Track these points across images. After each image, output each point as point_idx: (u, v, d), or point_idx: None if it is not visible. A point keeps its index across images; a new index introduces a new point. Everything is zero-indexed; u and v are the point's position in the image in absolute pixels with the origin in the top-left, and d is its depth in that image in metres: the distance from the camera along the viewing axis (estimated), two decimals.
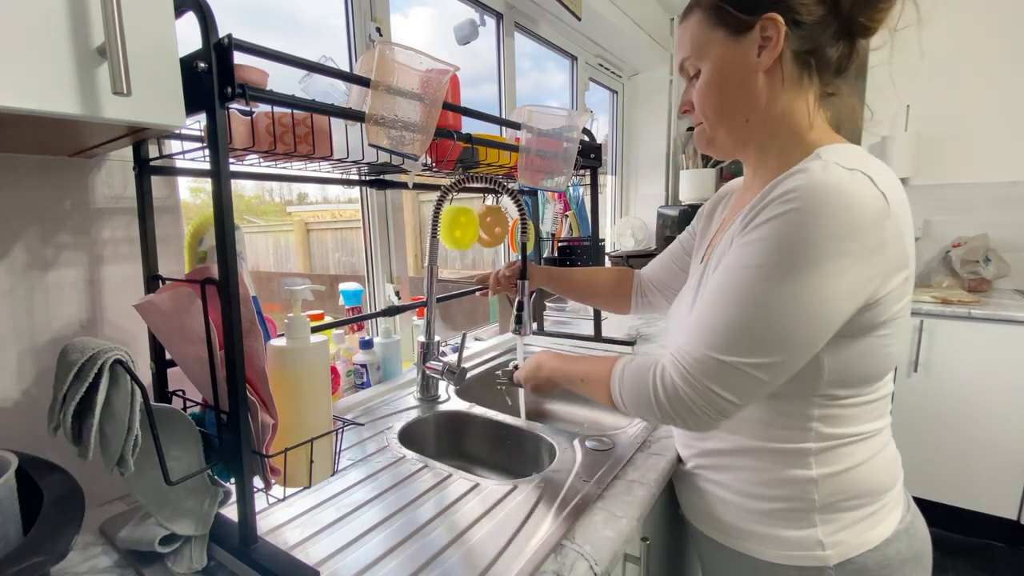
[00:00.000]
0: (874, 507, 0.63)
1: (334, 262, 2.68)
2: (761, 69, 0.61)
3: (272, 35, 1.46)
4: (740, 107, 0.64)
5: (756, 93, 0.63)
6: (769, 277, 0.53)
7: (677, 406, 0.58)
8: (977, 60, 2.13)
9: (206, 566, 0.58)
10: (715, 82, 0.65)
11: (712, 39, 0.64)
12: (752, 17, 0.60)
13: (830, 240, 0.51)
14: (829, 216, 0.51)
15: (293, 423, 0.59)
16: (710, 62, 0.65)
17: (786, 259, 0.53)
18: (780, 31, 0.59)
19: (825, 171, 0.53)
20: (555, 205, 1.90)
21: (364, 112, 0.70)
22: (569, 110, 1.10)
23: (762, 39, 0.61)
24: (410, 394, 1.10)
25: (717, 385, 0.56)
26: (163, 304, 0.58)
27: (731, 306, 0.56)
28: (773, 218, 0.54)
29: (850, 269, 0.52)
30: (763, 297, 0.54)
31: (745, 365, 0.55)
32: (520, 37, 1.85)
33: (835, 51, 0.61)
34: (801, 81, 0.62)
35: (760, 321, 0.54)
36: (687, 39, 0.67)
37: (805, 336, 0.54)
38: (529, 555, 0.58)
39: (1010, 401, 1.84)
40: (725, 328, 0.56)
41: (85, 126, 0.48)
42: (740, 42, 0.62)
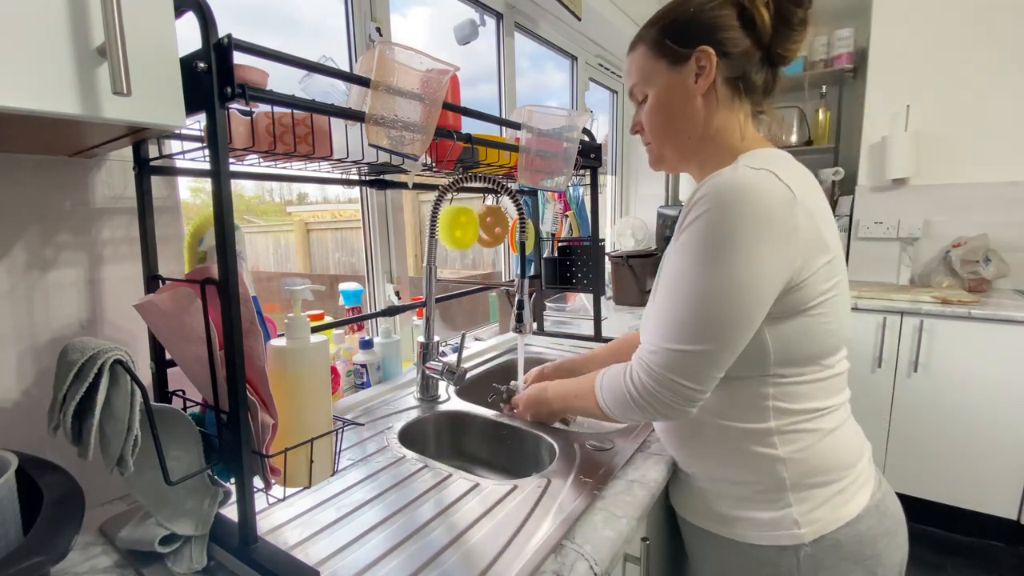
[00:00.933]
0: (843, 483, 0.68)
1: (334, 262, 2.68)
2: (698, 93, 0.71)
3: (271, 35, 1.47)
4: (682, 127, 0.73)
5: (695, 114, 0.72)
6: (698, 271, 0.61)
7: (649, 399, 0.66)
8: (977, 60, 2.13)
9: (206, 566, 0.58)
10: (660, 106, 0.74)
11: (656, 69, 0.74)
12: (688, 50, 0.70)
13: (743, 230, 0.59)
14: (738, 209, 0.59)
15: (293, 423, 0.59)
16: (655, 88, 0.74)
17: (709, 252, 0.60)
18: (712, 61, 0.69)
19: (734, 172, 0.62)
20: (555, 205, 1.90)
21: (364, 112, 0.70)
22: (569, 110, 1.10)
23: (698, 68, 0.70)
24: (410, 394, 1.10)
25: (675, 374, 0.63)
26: (163, 304, 0.58)
27: (673, 301, 0.64)
28: (694, 220, 0.62)
29: (767, 253, 0.59)
30: (697, 288, 0.62)
31: (695, 351, 0.62)
32: (519, 37, 1.85)
33: (760, 76, 0.71)
34: (732, 102, 0.71)
35: (698, 310, 0.62)
36: (635, 69, 0.76)
37: (739, 317, 0.61)
38: (529, 555, 0.58)
39: (1010, 401, 1.84)
40: (671, 321, 0.64)
41: (85, 126, 0.48)
42: (679, 71, 0.72)
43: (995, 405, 1.87)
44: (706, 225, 0.61)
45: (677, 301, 0.64)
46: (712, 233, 0.60)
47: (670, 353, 0.64)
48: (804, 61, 2.55)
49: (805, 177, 0.67)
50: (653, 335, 0.66)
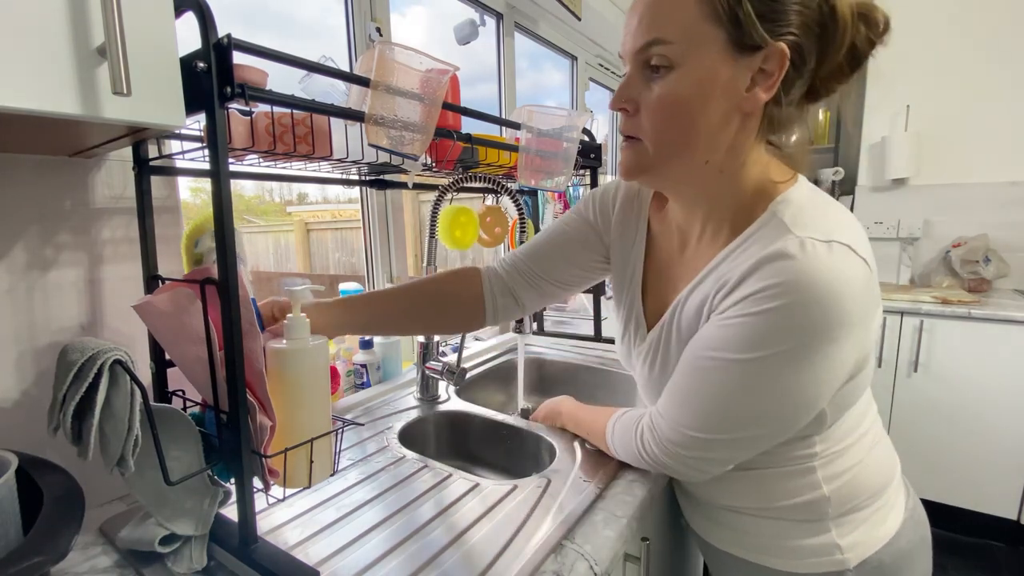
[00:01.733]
0: (881, 501, 0.64)
1: (334, 262, 2.68)
2: (745, 106, 0.51)
3: (268, 34, 1.46)
4: (706, 144, 0.52)
5: (727, 133, 0.52)
6: (757, 368, 0.50)
7: (662, 466, 0.63)
8: (977, 60, 2.13)
9: (206, 566, 0.58)
10: (691, 97, 0.50)
11: (708, 38, 0.48)
12: (765, 36, 0.48)
13: (822, 335, 0.48)
14: (817, 311, 0.47)
15: (293, 423, 0.59)
16: (695, 66, 0.49)
17: (773, 353, 0.49)
18: (782, 69, 0.49)
19: (804, 254, 0.48)
20: (555, 205, 1.90)
21: (364, 112, 0.70)
22: (569, 110, 1.10)
23: (759, 70, 0.49)
24: (410, 394, 1.10)
25: (695, 454, 0.58)
26: (162, 305, 0.58)
27: (712, 387, 0.54)
28: (756, 313, 0.49)
29: (840, 350, 0.50)
30: (749, 385, 0.51)
31: (724, 440, 0.55)
32: (518, 37, 1.85)
33: (795, 111, 0.55)
34: (775, 120, 0.54)
35: (744, 409, 0.53)
36: (671, 17, 0.49)
37: (789, 422, 0.55)
38: (529, 555, 0.58)
39: (1010, 401, 1.84)
40: (704, 407, 0.55)
41: (85, 126, 0.48)
42: (736, 60, 0.49)
43: (995, 405, 1.87)
44: (773, 324, 0.49)
45: (718, 390, 0.53)
46: (780, 336, 0.48)
47: (695, 440, 0.56)
48: None
49: (854, 224, 0.54)
50: (677, 413, 0.58)
